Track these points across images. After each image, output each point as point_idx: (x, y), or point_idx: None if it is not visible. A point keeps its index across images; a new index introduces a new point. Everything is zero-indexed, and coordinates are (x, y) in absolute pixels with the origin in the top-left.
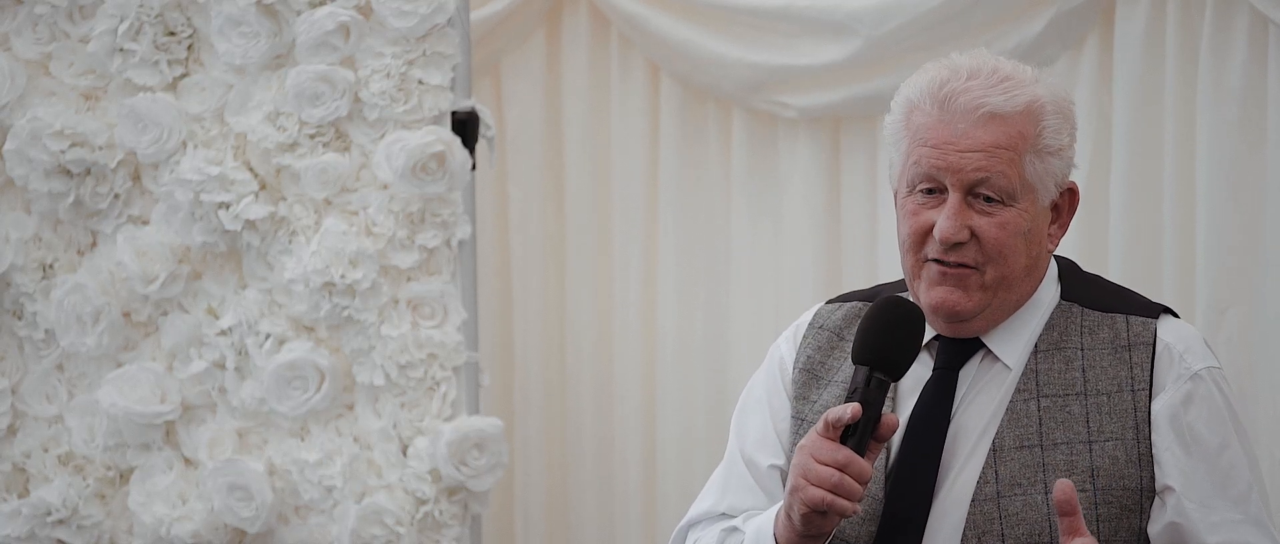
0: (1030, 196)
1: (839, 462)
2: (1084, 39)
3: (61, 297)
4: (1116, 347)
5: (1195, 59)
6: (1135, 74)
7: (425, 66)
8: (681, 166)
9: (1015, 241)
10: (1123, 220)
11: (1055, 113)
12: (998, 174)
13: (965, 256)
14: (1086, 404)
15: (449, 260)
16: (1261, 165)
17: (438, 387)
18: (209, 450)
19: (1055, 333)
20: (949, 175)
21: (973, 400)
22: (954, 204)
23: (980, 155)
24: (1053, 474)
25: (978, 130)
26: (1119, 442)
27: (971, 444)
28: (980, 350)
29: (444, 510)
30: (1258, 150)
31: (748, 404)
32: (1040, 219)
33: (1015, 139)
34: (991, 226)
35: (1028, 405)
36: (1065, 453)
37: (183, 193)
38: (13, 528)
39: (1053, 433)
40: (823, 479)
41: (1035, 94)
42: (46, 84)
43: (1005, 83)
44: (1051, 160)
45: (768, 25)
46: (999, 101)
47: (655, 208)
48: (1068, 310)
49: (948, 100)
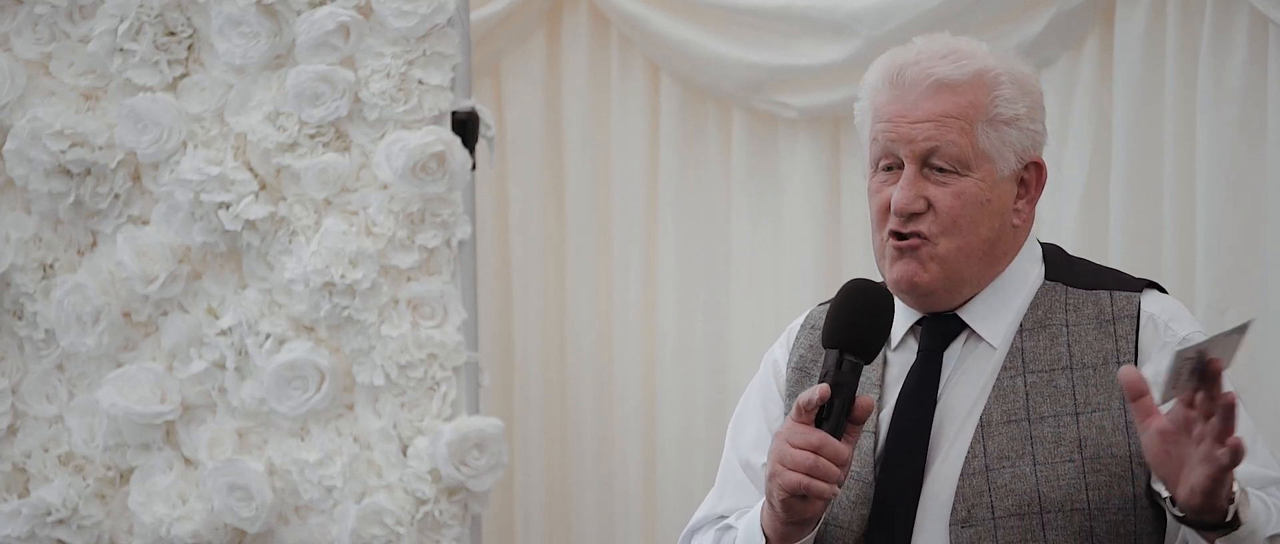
0: (986, 166)
1: (812, 444)
2: (1084, 39)
3: (61, 297)
4: (1101, 321)
5: (1195, 59)
6: (1135, 74)
7: (425, 66)
8: (681, 166)
9: (972, 212)
10: (1123, 220)
11: (1011, 83)
12: (949, 142)
13: (921, 227)
14: (1072, 377)
15: (449, 260)
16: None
17: (438, 387)
18: (209, 450)
19: (1040, 311)
20: (902, 146)
21: (959, 381)
22: (908, 175)
23: (930, 124)
24: (1041, 447)
25: (927, 101)
26: (1106, 412)
27: (959, 423)
28: (964, 331)
29: (444, 510)
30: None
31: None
32: (1000, 191)
33: (966, 108)
34: (946, 196)
35: (1014, 382)
36: (1052, 425)
37: (183, 193)
38: (13, 528)
39: (1039, 407)
40: (798, 463)
41: (986, 63)
42: (46, 84)
43: (954, 53)
44: (1006, 130)
45: (768, 25)
46: (947, 70)
47: (655, 208)
48: (1052, 289)
49: (899, 75)
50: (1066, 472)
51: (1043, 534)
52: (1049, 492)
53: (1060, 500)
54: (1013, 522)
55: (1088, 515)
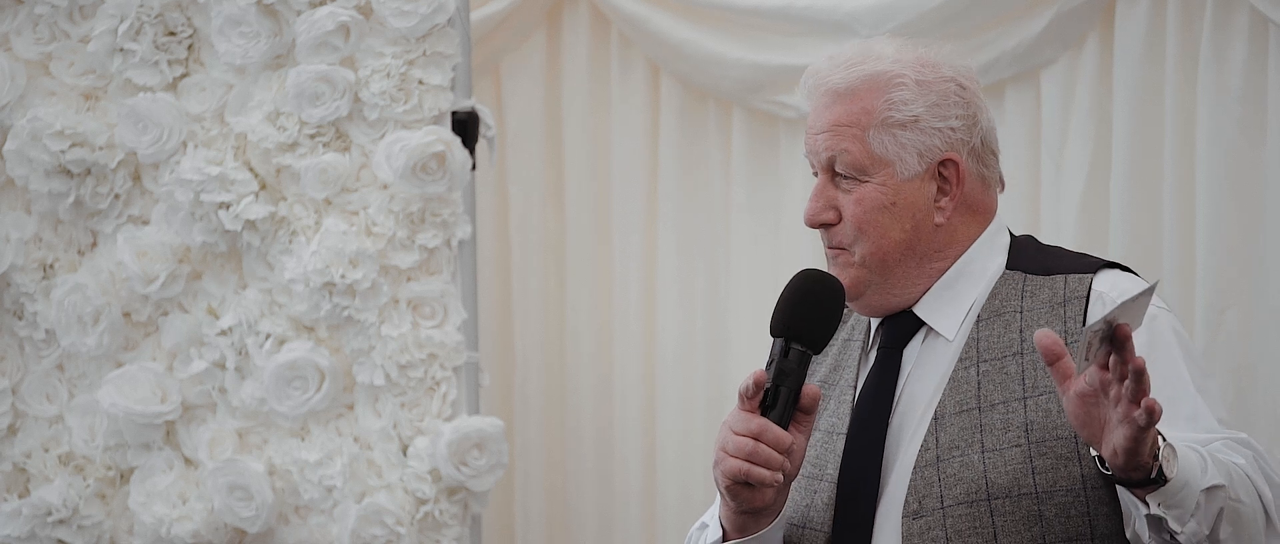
0: (885, 170)
1: (752, 431)
2: (1084, 39)
3: (62, 297)
4: (1053, 304)
5: (1195, 59)
6: (1135, 74)
7: (425, 66)
8: (681, 166)
9: (876, 216)
10: (1123, 220)
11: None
12: (842, 152)
13: (836, 237)
14: (1022, 362)
15: (449, 260)
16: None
17: (438, 387)
18: (209, 450)
19: (996, 301)
20: (811, 157)
21: (917, 377)
22: (818, 185)
23: (826, 135)
24: (989, 435)
25: (825, 111)
26: (1052, 394)
27: (918, 419)
28: (923, 328)
29: (444, 510)
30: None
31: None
32: (907, 192)
33: (857, 114)
34: (850, 203)
35: (968, 372)
36: (1001, 412)
37: (183, 193)
38: (13, 528)
39: (990, 395)
40: (739, 449)
41: (879, 69)
42: (47, 84)
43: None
44: (901, 133)
45: (768, 25)
46: (839, 78)
47: (655, 208)
48: (1010, 278)
49: (808, 87)
50: (1013, 457)
51: (991, 521)
52: (996, 478)
53: (1007, 486)
54: (961, 510)
55: (1035, 499)
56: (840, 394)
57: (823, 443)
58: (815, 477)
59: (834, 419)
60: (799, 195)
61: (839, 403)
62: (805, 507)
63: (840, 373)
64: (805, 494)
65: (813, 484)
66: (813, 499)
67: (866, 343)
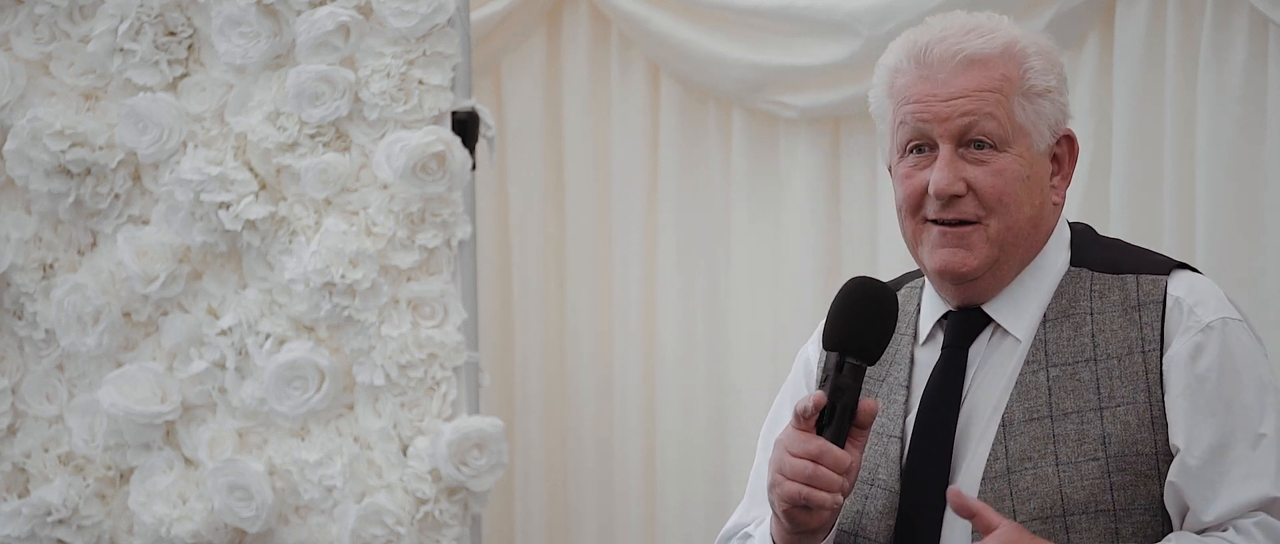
0: (1024, 140)
1: (811, 453)
2: (1084, 39)
3: (61, 296)
4: (1127, 308)
5: (1195, 59)
6: (1135, 74)
7: (425, 66)
8: (681, 166)
9: (1015, 189)
10: (1123, 220)
11: (1037, 54)
12: (985, 117)
13: (964, 211)
14: (1096, 370)
15: (449, 260)
16: (1261, 165)
17: (438, 387)
18: (209, 450)
19: (1064, 300)
20: (936, 126)
21: (984, 378)
22: (945, 156)
23: (965, 100)
24: (1063, 446)
25: (959, 78)
26: (1130, 406)
27: (984, 423)
28: (990, 325)
29: (444, 510)
30: (1258, 150)
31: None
32: (1038, 166)
33: (999, 81)
34: (987, 175)
35: (1037, 376)
36: (1076, 422)
37: (183, 193)
38: (13, 528)
39: (1063, 402)
40: (797, 472)
41: (1012, 36)
42: (47, 84)
43: (979, 28)
44: (1041, 102)
45: (768, 25)
46: (977, 45)
47: (655, 208)
48: (1077, 276)
49: (924, 54)
50: (1090, 471)
51: (1067, 538)
52: (1072, 493)
53: (1084, 502)
54: (1036, 525)
55: (1113, 517)
56: (889, 392)
57: (872, 445)
58: (867, 482)
59: (884, 420)
60: (799, 195)
61: (889, 402)
62: (857, 514)
63: (887, 369)
64: (856, 500)
65: (863, 489)
66: (865, 506)
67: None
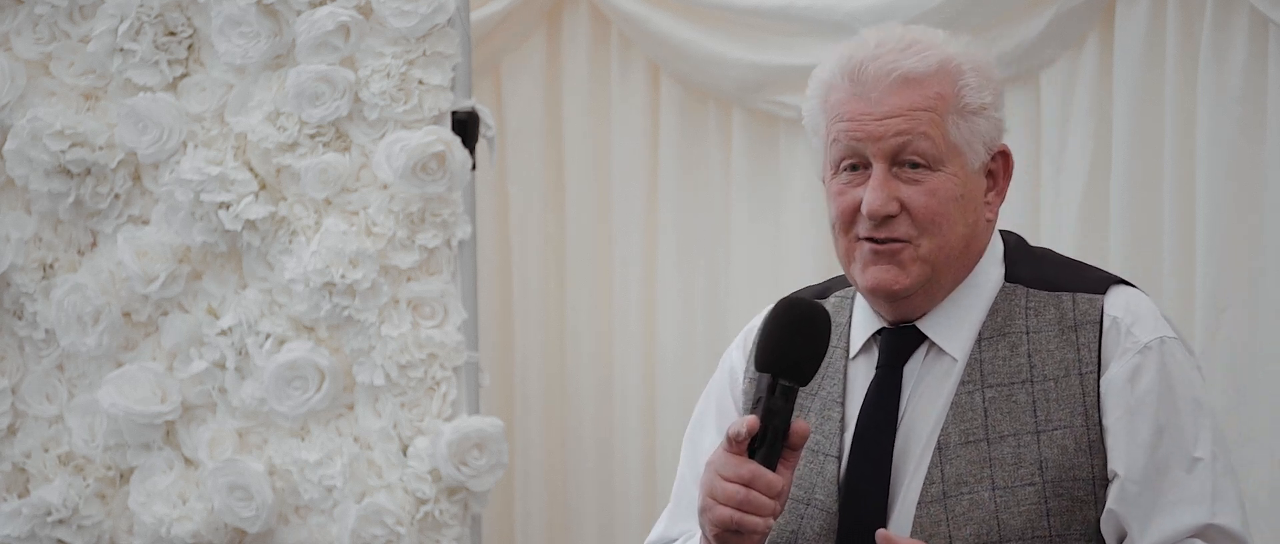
0: (958, 159)
1: (743, 477)
2: (1084, 39)
3: (61, 296)
4: (1063, 327)
5: (1195, 59)
6: (1135, 74)
7: (425, 66)
8: (681, 166)
9: (948, 209)
10: (1123, 220)
11: (973, 71)
12: (919, 136)
13: (896, 231)
14: (1033, 392)
15: (449, 260)
16: (1261, 165)
17: (438, 387)
18: (209, 450)
19: (999, 318)
20: (870, 145)
21: (919, 398)
22: (879, 175)
23: (899, 120)
24: (1000, 470)
25: (893, 96)
26: (1068, 429)
27: (922, 445)
28: (924, 343)
29: (444, 510)
30: (1258, 150)
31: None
32: (972, 184)
33: (933, 99)
34: (920, 195)
35: (973, 397)
36: (1012, 445)
37: (183, 193)
38: (13, 528)
39: (999, 425)
40: (729, 496)
41: (947, 53)
42: (47, 84)
43: (914, 45)
44: (976, 120)
45: (768, 25)
46: (911, 64)
47: (655, 208)
48: (1011, 293)
49: (858, 72)
50: (1027, 496)
51: None
52: (1009, 519)
53: (1021, 528)
54: None
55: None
56: (823, 408)
57: (807, 463)
58: (803, 502)
59: (819, 437)
60: (799, 195)
61: (823, 418)
62: (792, 534)
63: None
64: (791, 520)
65: (799, 508)
66: (800, 526)
67: (848, 350)
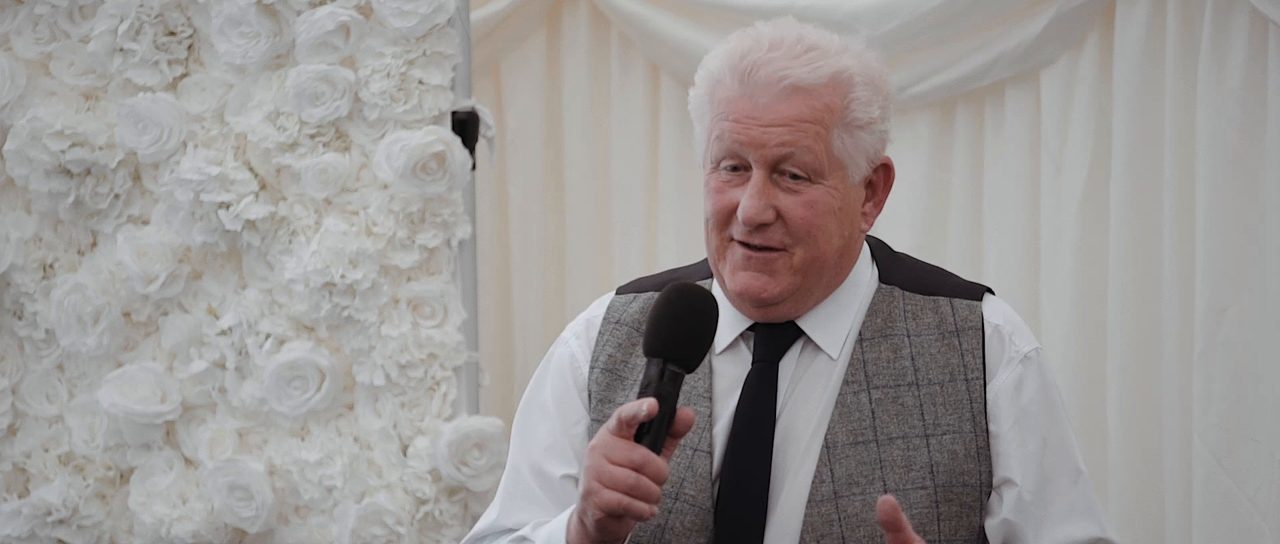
0: (839, 173)
1: (634, 462)
2: (1084, 39)
3: (62, 297)
4: (944, 332)
5: (1195, 59)
6: (1135, 74)
7: (425, 66)
8: (681, 167)
9: (824, 221)
10: (1123, 220)
11: (865, 84)
12: (803, 150)
13: (771, 239)
14: (919, 395)
15: (449, 260)
16: (1261, 165)
17: (438, 387)
18: (209, 450)
19: (879, 319)
20: (752, 151)
21: (799, 395)
22: (758, 182)
23: (784, 130)
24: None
25: (780, 104)
26: (957, 434)
27: (805, 443)
28: (800, 339)
29: (444, 510)
30: (1257, 150)
31: (532, 408)
32: (851, 197)
33: (821, 112)
34: (798, 206)
35: (858, 398)
36: (902, 448)
37: (183, 193)
38: (13, 528)
39: (887, 426)
40: (618, 481)
41: (841, 64)
42: (47, 84)
43: (809, 53)
44: (861, 135)
45: None
46: (802, 73)
47: (655, 208)
48: (889, 294)
49: (749, 73)
50: (919, 499)
51: None
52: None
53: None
54: None
55: None
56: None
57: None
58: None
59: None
60: None
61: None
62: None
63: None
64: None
65: (667, 503)
66: (668, 521)
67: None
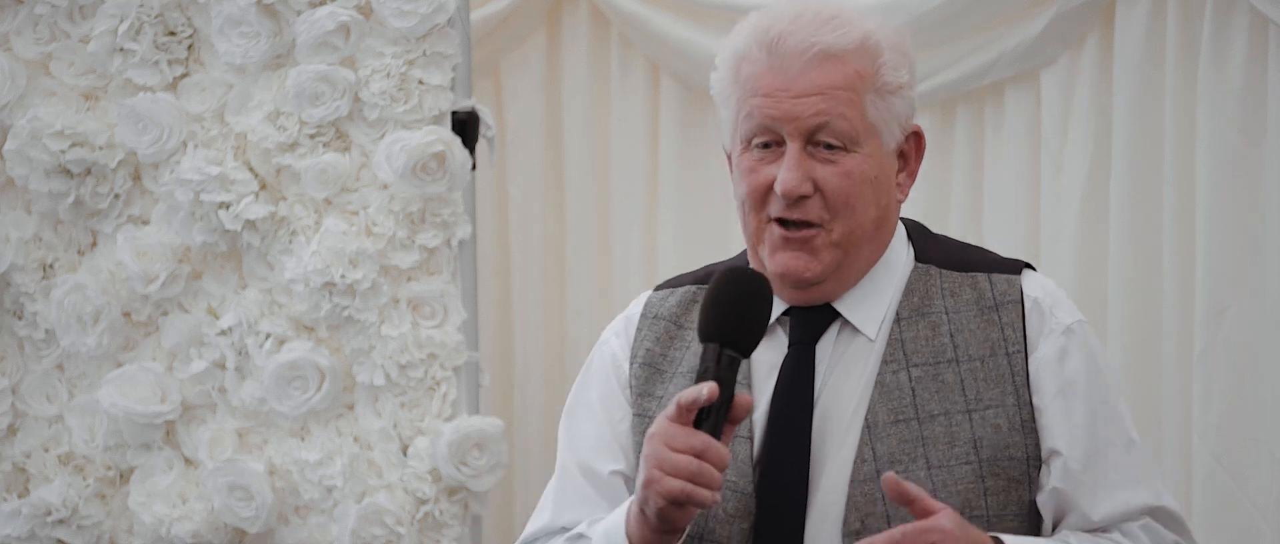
0: (874, 140)
1: (695, 448)
2: (1084, 39)
3: (62, 296)
4: (982, 307)
5: (1195, 59)
6: (1135, 74)
7: (425, 66)
8: (681, 166)
9: (862, 191)
10: (1123, 220)
11: (892, 48)
12: (838, 117)
13: (809, 213)
14: (959, 371)
15: (449, 260)
16: (1261, 165)
17: (438, 387)
18: (209, 450)
19: (915, 297)
20: (785, 124)
21: (837, 377)
22: (793, 154)
23: (817, 98)
24: (933, 447)
25: (812, 71)
26: (1000, 408)
27: (845, 424)
28: (837, 321)
29: (444, 510)
30: (1257, 150)
31: (578, 409)
32: (886, 166)
33: (852, 78)
34: (835, 176)
35: (898, 377)
36: (944, 424)
37: (183, 193)
38: (13, 528)
39: (928, 404)
40: (680, 468)
41: (867, 29)
42: (47, 84)
43: (834, 19)
44: (893, 99)
45: None
46: (831, 39)
47: (655, 208)
48: (925, 273)
49: (777, 43)
50: (964, 475)
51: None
52: (947, 497)
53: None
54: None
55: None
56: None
57: None
58: None
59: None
60: None
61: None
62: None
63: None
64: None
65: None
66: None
67: None
